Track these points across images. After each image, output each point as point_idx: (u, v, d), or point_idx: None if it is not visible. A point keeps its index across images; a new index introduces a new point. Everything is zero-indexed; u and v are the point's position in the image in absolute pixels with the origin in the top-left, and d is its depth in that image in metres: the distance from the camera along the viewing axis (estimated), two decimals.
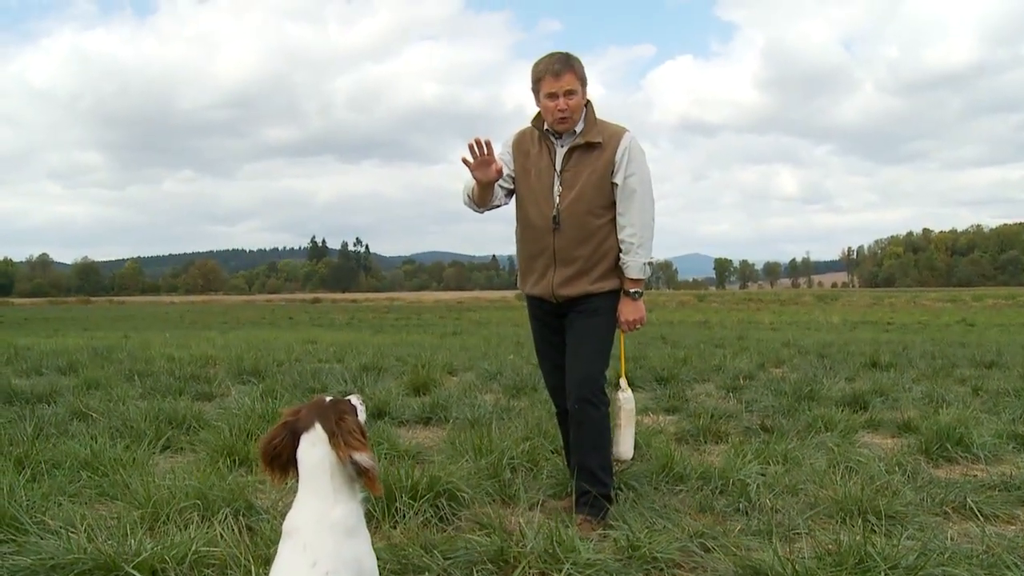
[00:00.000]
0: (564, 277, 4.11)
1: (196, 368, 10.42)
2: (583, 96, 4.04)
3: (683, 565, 3.48)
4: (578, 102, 4.01)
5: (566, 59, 4.00)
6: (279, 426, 2.34)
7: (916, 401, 8.01)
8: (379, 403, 7.17)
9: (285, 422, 2.33)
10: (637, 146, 4.06)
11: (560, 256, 4.11)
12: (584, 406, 4.06)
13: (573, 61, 4.00)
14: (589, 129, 4.06)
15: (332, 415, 2.29)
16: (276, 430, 2.33)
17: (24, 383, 8.81)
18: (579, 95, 4.00)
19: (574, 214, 4.05)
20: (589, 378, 4.08)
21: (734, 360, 12.03)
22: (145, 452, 5.10)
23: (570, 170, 4.08)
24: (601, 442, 4.11)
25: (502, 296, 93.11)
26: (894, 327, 28.32)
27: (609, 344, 4.20)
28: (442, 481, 4.16)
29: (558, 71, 3.97)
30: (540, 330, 4.41)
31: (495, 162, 3.90)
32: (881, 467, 4.97)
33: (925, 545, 3.46)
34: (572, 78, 3.97)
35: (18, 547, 3.29)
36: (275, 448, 2.30)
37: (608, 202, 4.07)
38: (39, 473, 4.55)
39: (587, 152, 4.06)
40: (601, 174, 4.04)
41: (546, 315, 4.32)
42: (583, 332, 4.12)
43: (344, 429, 2.26)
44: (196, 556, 3.23)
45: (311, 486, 2.22)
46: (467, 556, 3.39)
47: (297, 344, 16.17)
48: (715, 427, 6.37)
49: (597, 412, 4.07)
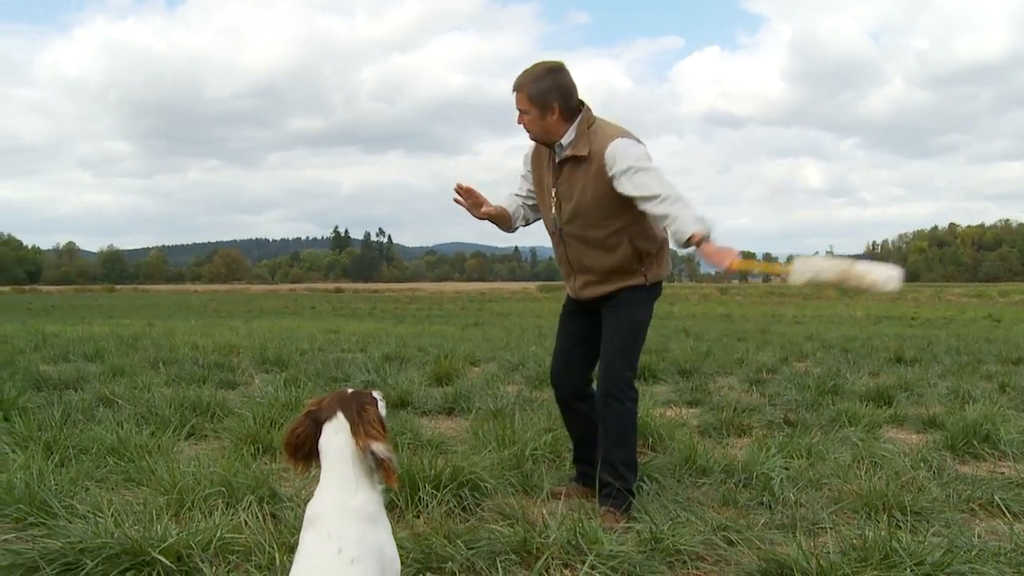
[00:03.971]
0: (583, 283, 4.19)
1: (220, 356, 10.47)
2: (539, 115, 3.96)
3: (706, 558, 3.47)
4: (531, 120, 3.98)
5: (519, 81, 4.00)
6: (302, 416, 2.37)
7: (941, 397, 7.94)
8: (402, 393, 7.19)
9: (308, 412, 2.37)
10: (623, 146, 3.89)
11: (575, 265, 4.19)
12: (608, 400, 4.08)
13: (524, 82, 3.97)
14: (578, 141, 3.97)
15: (354, 405, 2.33)
16: (299, 420, 2.37)
17: (52, 369, 8.90)
18: (532, 115, 3.97)
19: (574, 228, 4.09)
20: (613, 372, 4.10)
21: (757, 353, 11.99)
22: (170, 439, 5.14)
23: (564, 183, 4.06)
24: (625, 437, 4.11)
25: (524, 288, 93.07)
26: (918, 322, 28.11)
27: (637, 338, 4.20)
28: (465, 471, 4.16)
29: (513, 91, 4.03)
30: (562, 315, 4.51)
31: (484, 202, 4.11)
32: (906, 463, 4.92)
33: (952, 542, 3.43)
34: (521, 98, 3.98)
35: (48, 530, 3.32)
36: (298, 437, 2.34)
37: (610, 212, 3.98)
38: (67, 458, 4.60)
39: (577, 165, 3.99)
40: (595, 187, 3.96)
41: (572, 302, 4.41)
42: (610, 327, 4.15)
43: (365, 419, 2.30)
44: (221, 542, 3.26)
45: (333, 474, 2.25)
46: (490, 546, 3.39)
47: (320, 334, 16.25)
48: (738, 420, 6.34)
49: (621, 406, 4.07)
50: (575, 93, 4.01)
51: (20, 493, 3.73)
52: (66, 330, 16.32)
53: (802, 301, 53.43)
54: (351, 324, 22.51)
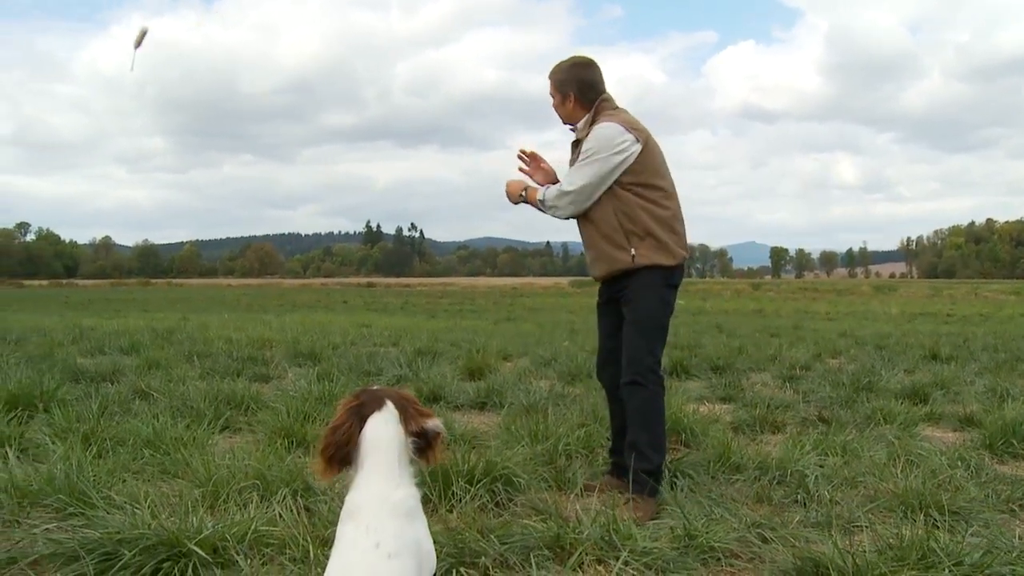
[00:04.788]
0: (591, 259, 4.47)
1: (253, 350, 10.55)
2: (560, 101, 4.41)
3: (740, 555, 3.45)
4: (556, 104, 4.43)
5: (551, 71, 4.46)
6: (343, 413, 2.32)
7: (979, 395, 7.82)
8: (434, 387, 7.22)
9: (348, 408, 2.32)
10: (597, 130, 4.24)
11: (584, 242, 4.50)
12: (632, 387, 4.22)
13: (552, 72, 4.44)
14: (583, 127, 4.37)
15: (396, 395, 2.36)
16: (340, 417, 2.31)
17: (89, 362, 9.01)
18: (556, 100, 4.43)
19: None
20: (634, 359, 4.23)
21: (790, 350, 11.88)
22: (205, 432, 5.18)
23: (573, 162, 4.41)
24: (649, 421, 4.20)
25: (556, 283, 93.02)
26: (954, 319, 27.74)
27: (655, 325, 4.29)
28: (498, 466, 4.17)
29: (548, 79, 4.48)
30: (597, 311, 4.70)
31: (543, 161, 4.59)
32: (943, 461, 4.84)
33: (991, 543, 3.37)
34: (551, 86, 4.44)
35: (87, 520, 3.36)
36: (342, 434, 2.28)
37: None
38: (104, 450, 4.66)
39: (578, 147, 4.38)
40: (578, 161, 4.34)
41: (600, 293, 4.62)
42: (628, 317, 4.31)
43: (411, 403, 2.35)
44: (256, 535, 3.29)
45: (376, 467, 2.23)
46: (523, 541, 3.38)
47: (352, 328, 16.33)
48: (772, 417, 6.30)
49: (645, 391, 4.19)
50: (594, 86, 4.37)
51: (60, 483, 3.78)
52: (102, 323, 16.53)
53: (835, 297, 52.98)
54: (383, 318, 22.61)
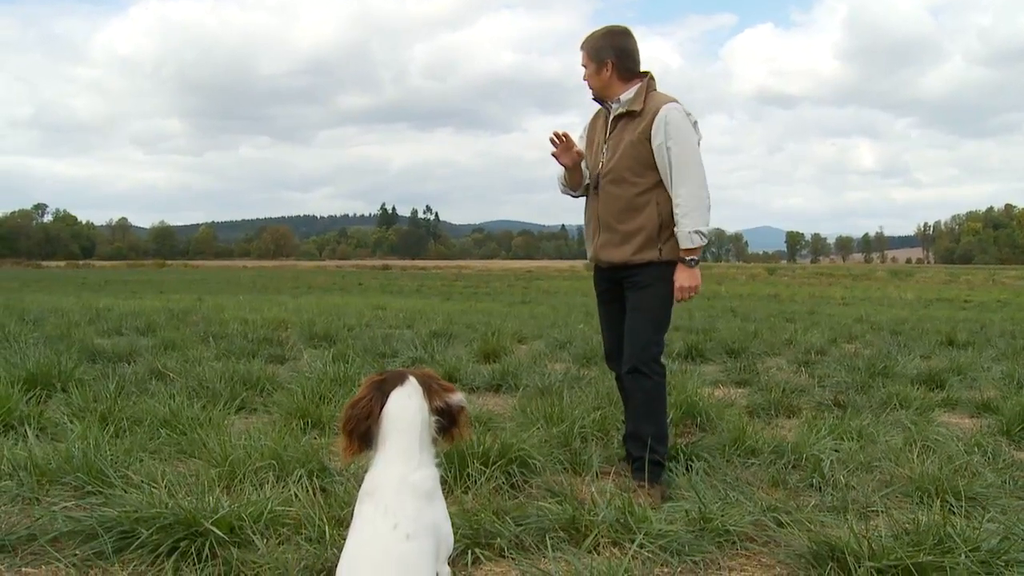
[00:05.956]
0: (604, 242, 4.27)
1: (269, 331, 10.60)
2: (595, 71, 4.24)
3: (756, 539, 3.45)
4: (590, 75, 4.27)
5: (583, 39, 4.32)
6: (365, 387, 2.32)
7: (996, 381, 7.78)
8: (450, 369, 7.23)
9: (372, 382, 2.33)
10: (679, 115, 4.07)
11: (602, 221, 4.27)
12: (635, 376, 4.17)
13: (586, 39, 4.30)
14: (636, 99, 4.16)
15: (418, 372, 2.36)
16: (362, 391, 2.32)
17: (106, 343, 9.06)
18: (590, 70, 4.26)
19: (612, 178, 4.20)
20: (639, 349, 4.17)
21: (805, 335, 11.83)
22: (221, 412, 5.21)
23: (615, 136, 4.23)
24: (654, 412, 4.17)
25: (571, 266, 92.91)
26: (971, 305, 27.56)
27: (661, 315, 4.23)
28: (514, 448, 4.17)
29: (580, 49, 4.33)
30: (598, 297, 4.59)
31: (575, 145, 4.28)
32: (960, 447, 4.83)
33: (1009, 529, 3.35)
34: (583, 54, 4.29)
35: (105, 499, 3.39)
36: (363, 407, 2.27)
37: (644, 167, 4.13)
38: (121, 429, 4.69)
39: (629, 120, 4.18)
40: (637, 139, 4.11)
41: (601, 281, 4.49)
42: (633, 305, 4.23)
43: (434, 379, 2.36)
44: (272, 515, 3.30)
45: (397, 445, 2.22)
46: (539, 523, 3.39)
47: (367, 310, 16.36)
48: (787, 401, 6.29)
49: (648, 381, 4.14)
50: (632, 56, 4.24)
51: (78, 462, 3.81)
52: (119, 304, 16.61)
53: (851, 283, 52.72)
54: (398, 301, 22.65)
